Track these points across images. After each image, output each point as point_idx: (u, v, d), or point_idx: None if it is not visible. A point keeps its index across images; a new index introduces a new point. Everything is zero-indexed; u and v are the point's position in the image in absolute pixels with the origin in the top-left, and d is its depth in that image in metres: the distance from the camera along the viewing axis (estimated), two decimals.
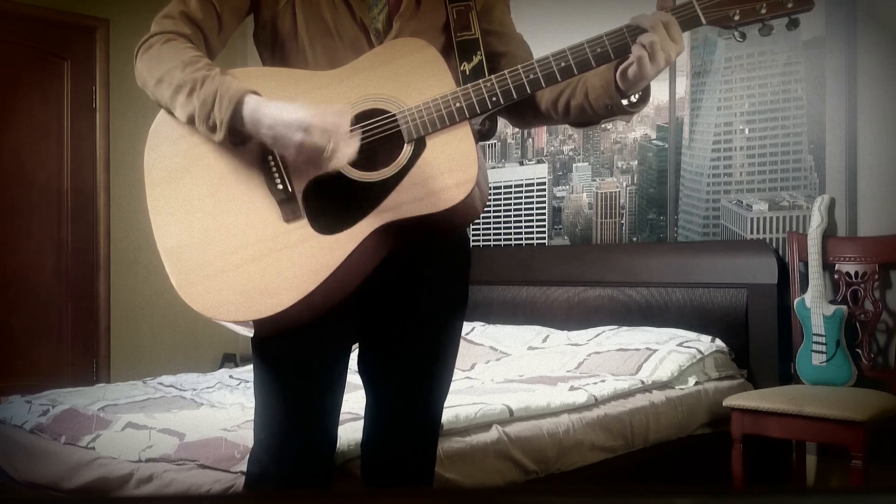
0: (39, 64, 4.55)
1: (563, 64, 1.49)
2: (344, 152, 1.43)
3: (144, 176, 1.59)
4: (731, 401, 3.05)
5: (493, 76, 1.52)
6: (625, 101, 1.54)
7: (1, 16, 4.39)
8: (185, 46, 1.55)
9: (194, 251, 1.52)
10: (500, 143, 4.45)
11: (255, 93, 1.49)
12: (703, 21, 1.47)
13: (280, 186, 1.52)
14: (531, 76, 1.50)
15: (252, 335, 1.56)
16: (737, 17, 1.47)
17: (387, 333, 1.71)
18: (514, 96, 1.51)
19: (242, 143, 1.51)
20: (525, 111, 1.67)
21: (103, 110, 4.73)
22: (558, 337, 3.70)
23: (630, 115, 1.59)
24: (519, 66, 1.51)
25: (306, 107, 1.44)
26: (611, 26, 1.50)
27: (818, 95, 3.40)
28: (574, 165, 4.20)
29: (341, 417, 1.76)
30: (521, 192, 4.36)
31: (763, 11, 1.46)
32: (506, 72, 1.51)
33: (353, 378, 1.78)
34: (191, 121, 1.51)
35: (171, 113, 1.56)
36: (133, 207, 4.39)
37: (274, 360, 1.65)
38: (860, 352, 3.21)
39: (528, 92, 1.52)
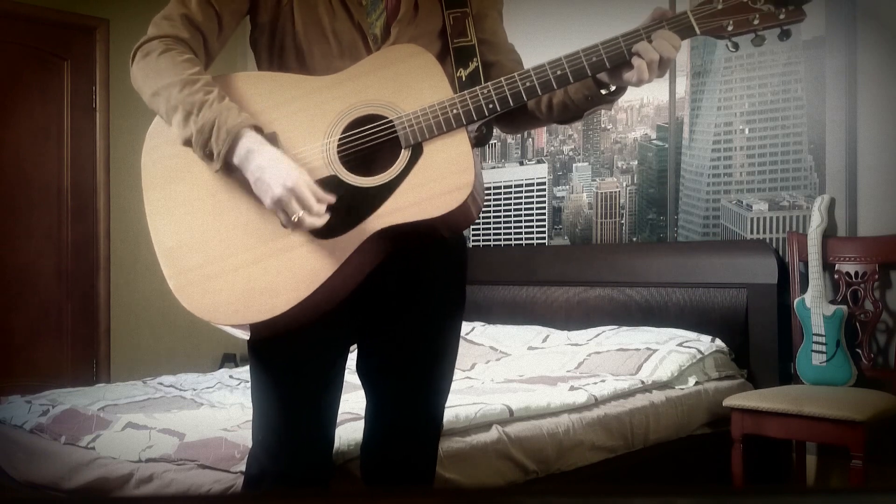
0: (39, 64, 4.56)
1: (558, 72, 1.50)
2: (306, 227, 1.46)
3: (142, 177, 1.59)
4: (731, 401, 3.05)
5: (489, 83, 1.53)
6: (603, 91, 1.57)
7: (1, 16, 4.39)
8: (183, 59, 1.54)
9: (192, 253, 1.53)
10: (500, 143, 4.45)
11: (257, 126, 1.49)
12: (698, 31, 1.49)
13: None
14: (527, 84, 1.51)
15: (248, 338, 1.56)
16: (730, 28, 1.49)
17: (385, 335, 1.71)
18: (511, 104, 1.52)
19: (233, 171, 1.51)
20: (514, 116, 1.68)
21: (103, 110, 4.73)
22: (558, 337, 3.70)
23: (610, 104, 1.61)
24: (515, 74, 1.52)
25: (299, 169, 1.46)
26: (606, 35, 1.51)
27: (818, 95, 3.40)
28: (574, 165, 4.20)
29: (340, 417, 1.77)
30: (521, 192, 4.36)
31: (756, 22, 1.48)
32: (503, 79, 1.52)
33: (353, 378, 1.78)
34: (187, 144, 1.51)
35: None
36: (133, 207, 4.36)
37: (270, 362, 1.65)
38: (860, 352, 3.21)
39: (525, 100, 1.53)
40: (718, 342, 3.39)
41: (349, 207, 1.49)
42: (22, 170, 4.48)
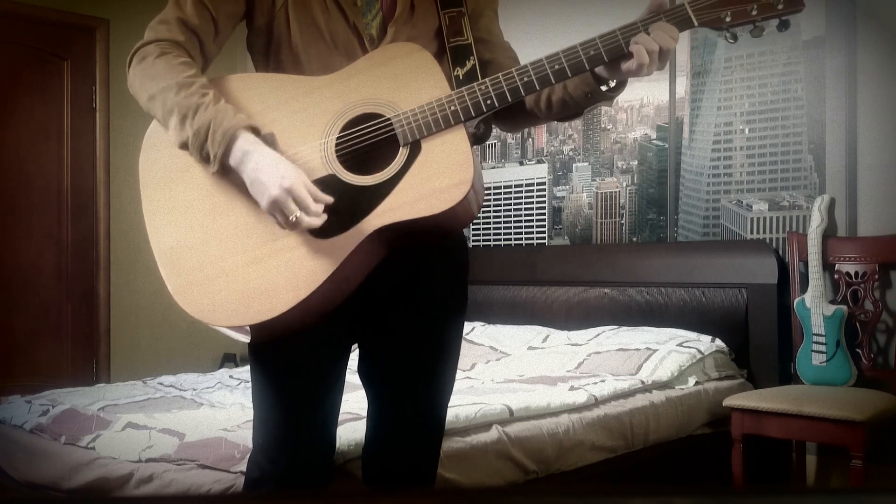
0: (39, 64, 4.56)
1: (556, 66, 1.49)
2: (304, 227, 1.45)
3: (140, 179, 1.59)
4: (731, 401, 3.05)
5: (487, 79, 1.52)
6: (603, 87, 1.56)
7: (1, 16, 4.39)
8: (179, 62, 1.54)
9: (190, 254, 1.52)
10: (500, 143, 4.45)
11: (254, 127, 1.49)
12: (695, 23, 1.48)
13: None
14: (525, 79, 1.50)
15: (248, 340, 1.55)
16: (728, 19, 1.47)
17: (387, 337, 1.70)
18: (509, 99, 1.51)
19: (230, 173, 1.51)
20: (513, 114, 1.68)
21: (103, 110, 4.73)
22: (558, 337, 3.70)
23: (610, 100, 1.60)
24: (513, 69, 1.51)
25: (296, 170, 1.46)
26: (603, 29, 1.51)
27: (818, 95, 3.40)
28: (574, 165, 4.20)
29: (341, 417, 1.76)
30: (521, 192, 4.36)
31: (754, 13, 1.46)
32: (500, 75, 1.51)
33: (353, 378, 1.78)
34: (184, 147, 1.51)
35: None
36: (133, 207, 4.34)
37: (271, 364, 1.65)
38: (860, 352, 3.21)
39: (523, 95, 1.52)
40: (718, 342, 3.39)
41: (347, 206, 1.49)
42: (22, 170, 4.48)
